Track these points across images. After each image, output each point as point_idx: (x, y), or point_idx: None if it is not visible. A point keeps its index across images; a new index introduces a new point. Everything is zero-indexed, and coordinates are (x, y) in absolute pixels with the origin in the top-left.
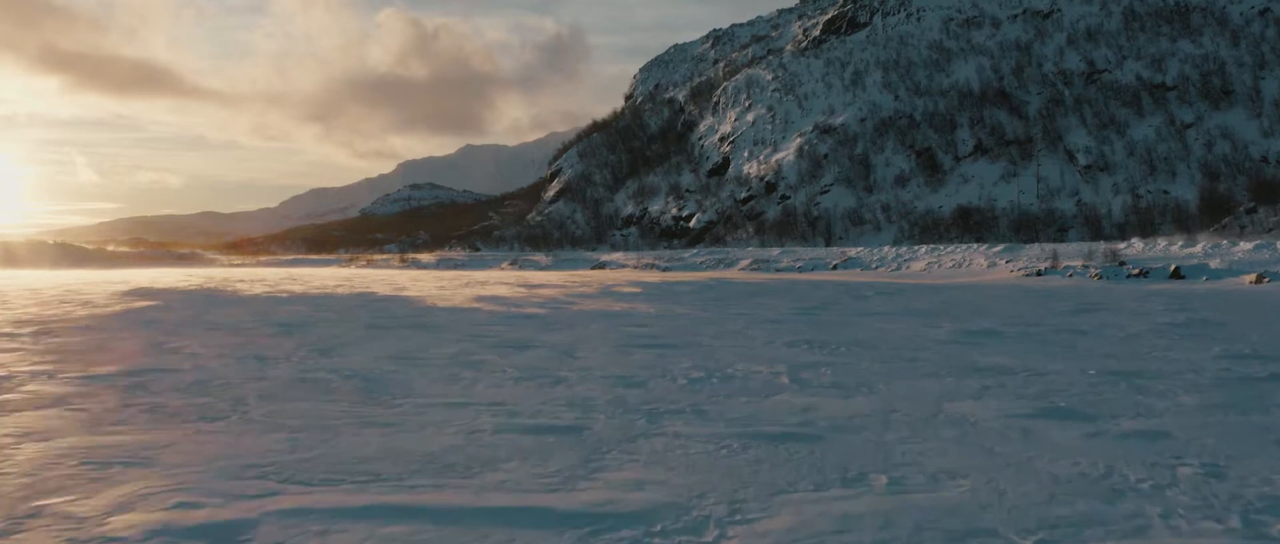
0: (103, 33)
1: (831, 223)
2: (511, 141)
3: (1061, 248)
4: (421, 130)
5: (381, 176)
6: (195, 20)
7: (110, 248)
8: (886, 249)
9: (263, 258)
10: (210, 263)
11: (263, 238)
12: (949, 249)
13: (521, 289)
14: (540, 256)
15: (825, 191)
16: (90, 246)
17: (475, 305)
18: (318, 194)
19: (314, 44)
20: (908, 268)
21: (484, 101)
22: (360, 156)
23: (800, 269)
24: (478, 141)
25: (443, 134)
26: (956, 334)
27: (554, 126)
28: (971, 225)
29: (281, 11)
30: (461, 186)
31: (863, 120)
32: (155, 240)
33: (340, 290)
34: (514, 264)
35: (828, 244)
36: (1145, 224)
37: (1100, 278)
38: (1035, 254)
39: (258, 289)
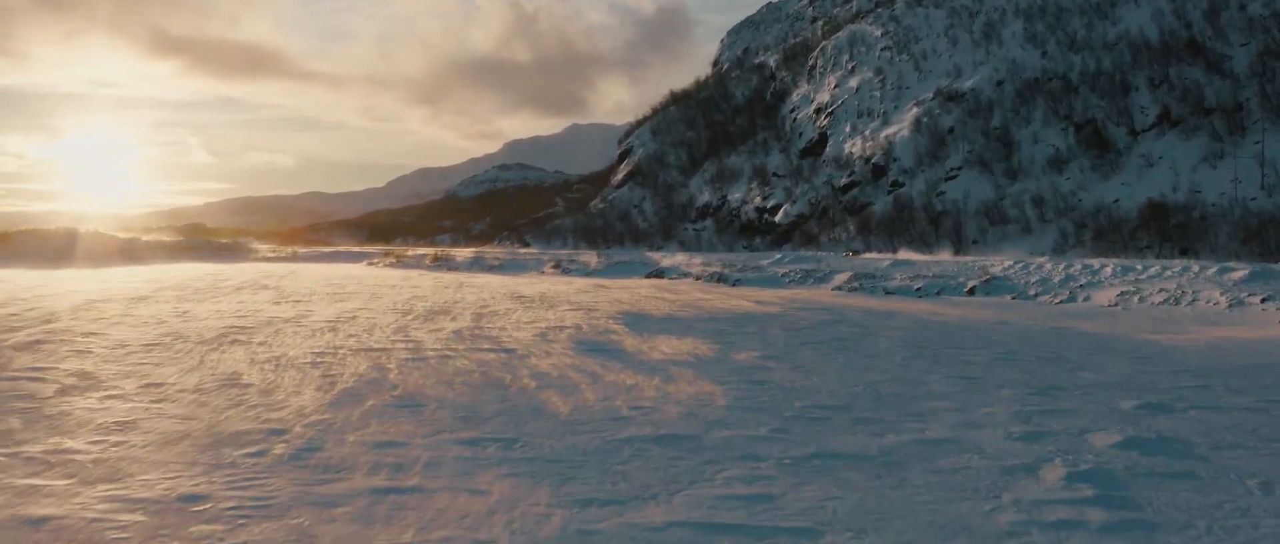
0: (207, 18)
1: (961, 220)
2: (618, 121)
3: None
4: (527, 112)
5: (486, 155)
6: (294, 4)
7: (146, 239)
8: (1046, 262)
9: (302, 250)
10: (245, 256)
11: (329, 224)
12: (1149, 269)
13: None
14: (591, 257)
15: (951, 177)
16: (124, 236)
17: None
18: (423, 174)
19: (415, 26)
20: (1089, 299)
21: (586, 82)
22: (467, 138)
23: (920, 293)
24: (583, 121)
25: (548, 115)
26: None
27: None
28: (1171, 230)
29: None
30: (567, 167)
31: (1000, 84)
32: (266, 221)
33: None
34: (557, 266)
35: (956, 251)
36: None
37: None
38: None
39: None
